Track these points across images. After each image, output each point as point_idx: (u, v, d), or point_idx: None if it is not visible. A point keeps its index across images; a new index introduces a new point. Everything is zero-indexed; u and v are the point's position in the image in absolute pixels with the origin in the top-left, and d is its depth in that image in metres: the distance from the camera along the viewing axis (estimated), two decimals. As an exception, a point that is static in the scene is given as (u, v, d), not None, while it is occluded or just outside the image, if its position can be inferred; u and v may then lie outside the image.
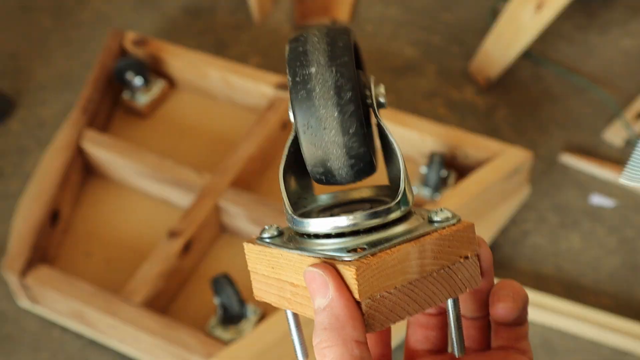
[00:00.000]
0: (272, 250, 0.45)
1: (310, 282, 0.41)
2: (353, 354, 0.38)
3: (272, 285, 0.45)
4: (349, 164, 0.45)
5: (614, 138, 1.59)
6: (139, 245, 1.44)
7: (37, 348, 1.38)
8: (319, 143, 0.44)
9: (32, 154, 1.65)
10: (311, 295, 0.41)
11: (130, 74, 1.60)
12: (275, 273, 0.45)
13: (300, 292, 0.43)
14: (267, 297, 0.47)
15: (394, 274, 0.41)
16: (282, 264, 0.44)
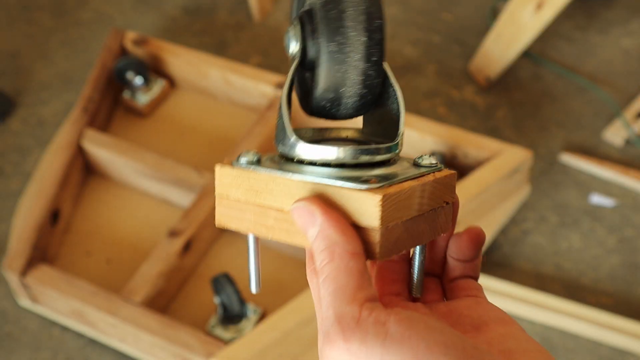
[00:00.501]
0: (260, 175, 0.44)
1: (297, 219, 0.42)
2: (348, 266, 0.40)
3: (247, 211, 0.45)
4: (360, 93, 0.45)
5: (613, 137, 1.59)
6: (139, 245, 1.44)
7: (37, 347, 1.38)
8: (340, 65, 0.44)
9: (33, 153, 1.65)
10: (304, 231, 0.42)
11: (130, 73, 1.60)
12: (258, 198, 0.44)
13: (288, 219, 0.43)
14: (233, 224, 0.46)
15: (403, 208, 0.42)
16: (272, 189, 0.44)
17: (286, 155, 0.46)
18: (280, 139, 0.46)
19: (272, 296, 1.36)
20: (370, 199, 0.41)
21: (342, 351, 0.38)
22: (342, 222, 0.41)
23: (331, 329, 0.38)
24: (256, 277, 0.48)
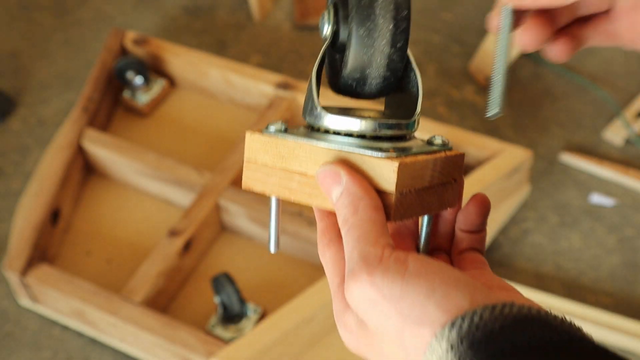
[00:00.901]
0: (288, 141, 0.49)
1: (323, 180, 0.46)
2: (371, 217, 0.44)
3: (273, 175, 0.49)
4: (384, 75, 0.50)
5: (614, 137, 1.59)
6: (139, 244, 1.44)
7: (37, 347, 1.38)
8: (367, 49, 0.49)
9: (33, 153, 1.65)
10: (327, 193, 0.46)
11: (130, 73, 1.60)
12: (284, 163, 0.49)
13: (310, 182, 0.48)
14: (259, 187, 0.51)
15: (416, 178, 0.47)
16: (298, 155, 0.48)
17: (312, 125, 0.50)
18: (308, 110, 0.50)
19: (272, 296, 1.36)
20: (388, 165, 0.46)
21: (366, 285, 0.41)
22: (364, 182, 0.46)
23: (356, 266, 0.42)
24: (275, 238, 0.51)
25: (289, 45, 1.83)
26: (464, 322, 0.39)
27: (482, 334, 0.39)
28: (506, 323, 0.39)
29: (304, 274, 1.39)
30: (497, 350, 0.38)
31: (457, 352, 0.39)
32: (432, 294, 0.40)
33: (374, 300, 0.42)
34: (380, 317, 0.42)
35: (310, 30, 1.86)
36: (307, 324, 1.26)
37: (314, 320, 1.26)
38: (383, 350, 0.44)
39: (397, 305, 0.41)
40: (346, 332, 0.47)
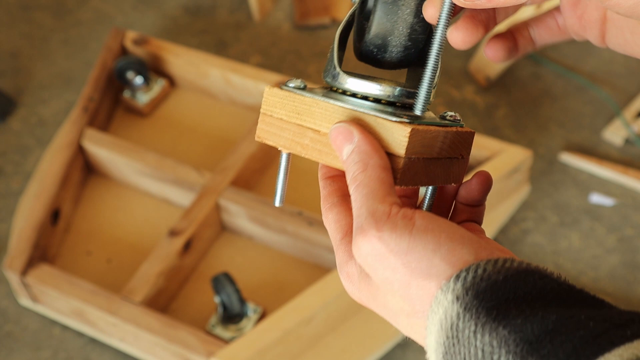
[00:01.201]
0: (305, 98, 0.50)
1: (335, 137, 0.47)
2: (380, 176, 0.45)
3: (287, 130, 0.50)
4: (405, 44, 0.51)
5: (613, 137, 1.59)
6: (139, 244, 1.44)
7: (37, 346, 1.38)
8: (391, 16, 0.50)
9: (33, 152, 1.65)
10: (338, 150, 0.47)
11: (130, 73, 1.60)
12: (299, 119, 0.50)
13: (322, 140, 0.49)
14: (272, 139, 0.51)
15: (426, 146, 0.48)
16: (314, 112, 0.49)
17: (330, 86, 0.52)
18: (328, 71, 0.52)
19: (272, 296, 1.36)
20: (401, 129, 0.47)
21: (375, 240, 0.43)
22: (375, 143, 0.47)
23: (364, 222, 0.43)
24: (281, 193, 0.53)
25: (288, 45, 1.84)
26: (469, 275, 0.41)
27: (487, 284, 0.40)
28: (509, 274, 0.41)
29: (304, 274, 1.40)
30: (501, 299, 0.40)
31: (462, 303, 0.40)
32: (439, 249, 0.42)
33: (381, 255, 0.43)
34: (387, 271, 0.43)
35: (310, 30, 1.86)
36: (307, 324, 1.26)
37: (313, 320, 1.26)
38: (387, 303, 0.45)
39: (405, 259, 0.42)
40: (349, 283, 0.48)
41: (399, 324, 0.46)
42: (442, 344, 0.42)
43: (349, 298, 1.36)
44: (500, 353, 0.39)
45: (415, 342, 1.36)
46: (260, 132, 0.52)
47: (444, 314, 0.41)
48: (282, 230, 1.39)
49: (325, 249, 1.37)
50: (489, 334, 0.39)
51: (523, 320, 0.39)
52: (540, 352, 0.38)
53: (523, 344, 0.38)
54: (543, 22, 0.58)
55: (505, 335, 0.39)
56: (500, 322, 0.39)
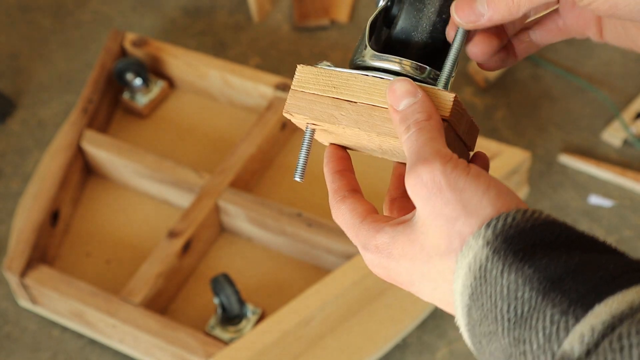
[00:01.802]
0: (342, 72, 0.53)
1: (397, 89, 0.50)
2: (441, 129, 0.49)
3: (319, 104, 0.53)
4: (426, 41, 0.55)
5: (612, 138, 1.59)
6: (138, 245, 1.45)
7: (37, 348, 1.38)
8: (416, 13, 0.55)
9: (32, 154, 1.65)
10: (396, 101, 0.50)
11: (130, 74, 1.60)
12: (335, 92, 0.53)
13: (359, 109, 0.52)
14: (301, 112, 0.54)
15: (458, 119, 0.52)
16: (352, 85, 0.53)
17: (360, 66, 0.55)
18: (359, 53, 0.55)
19: (272, 297, 1.36)
20: (447, 94, 0.51)
21: (438, 171, 0.46)
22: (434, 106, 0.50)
23: (429, 155, 0.47)
24: (302, 168, 0.55)
25: (288, 46, 1.84)
26: (499, 222, 0.44)
27: (515, 231, 0.44)
28: (536, 223, 0.44)
29: (303, 275, 1.40)
30: (528, 243, 0.43)
31: (492, 247, 0.43)
32: (488, 192, 0.46)
33: (439, 186, 0.46)
34: (439, 204, 0.46)
35: (310, 31, 1.86)
36: (306, 325, 1.26)
37: (312, 321, 1.26)
38: (424, 243, 0.47)
39: (459, 195, 0.45)
40: (377, 255, 0.50)
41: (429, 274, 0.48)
42: (470, 286, 0.44)
43: (348, 299, 1.37)
44: (524, 290, 0.42)
45: (414, 343, 1.36)
46: (288, 107, 0.54)
47: (473, 257, 0.44)
48: (281, 232, 1.39)
49: (324, 250, 1.37)
50: (514, 273, 0.42)
51: (547, 261, 0.42)
52: (561, 288, 0.41)
53: (546, 282, 0.41)
54: (543, 24, 0.60)
55: (530, 274, 0.42)
56: (525, 262, 0.42)
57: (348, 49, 1.82)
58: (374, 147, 0.56)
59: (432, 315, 1.37)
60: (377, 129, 0.52)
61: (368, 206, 0.53)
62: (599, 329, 0.39)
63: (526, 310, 0.42)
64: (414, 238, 0.48)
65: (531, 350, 0.41)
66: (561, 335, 0.40)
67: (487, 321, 0.44)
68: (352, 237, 0.52)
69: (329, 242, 1.35)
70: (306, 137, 0.55)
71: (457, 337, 1.36)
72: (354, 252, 1.32)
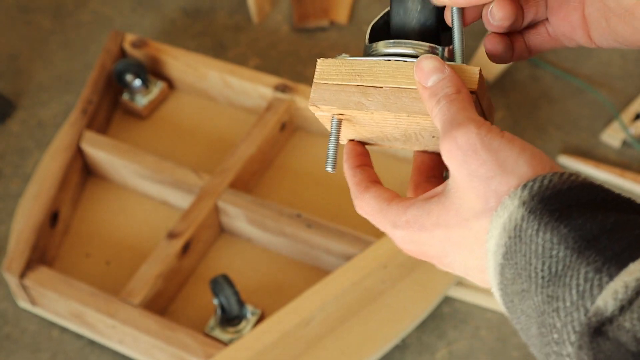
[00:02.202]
0: (364, 60, 0.55)
1: (425, 66, 0.51)
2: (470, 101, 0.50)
3: (344, 92, 0.54)
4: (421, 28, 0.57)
5: (611, 139, 1.60)
6: (138, 246, 1.45)
7: (36, 349, 1.38)
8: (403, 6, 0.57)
9: (32, 155, 1.65)
10: (425, 78, 0.51)
11: (129, 75, 1.61)
12: (360, 80, 0.54)
13: (386, 92, 0.53)
14: (328, 103, 0.55)
15: (482, 91, 0.54)
16: (375, 71, 0.54)
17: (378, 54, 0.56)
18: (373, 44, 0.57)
19: (271, 297, 1.36)
20: (472, 68, 0.53)
21: (473, 134, 0.46)
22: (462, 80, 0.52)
23: (464, 120, 0.47)
24: (333, 159, 0.56)
25: (287, 47, 1.84)
26: (535, 184, 0.44)
27: (552, 192, 0.44)
28: (573, 185, 0.45)
29: (303, 276, 1.40)
30: (564, 204, 0.43)
31: (528, 207, 0.44)
32: (524, 152, 0.46)
33: (475, 148, 0.46)
34: (474, 164, 0.46)
35: (309, 32, 1.86)
36: (306, 325, 1.26)
37: (312, 322, 1.27)
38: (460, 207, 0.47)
39: (494, 155, 0.46)
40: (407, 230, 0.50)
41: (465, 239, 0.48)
42: (504, 245, 0.45)
43: (348, 300, 1.37)
44: (559, 249, 0.42)
45: (414, 344, 1.36)
46: (314, 99, 0.55)
47: (508, 217, 0.44)
48: (280, 233, 1.39)
49: (323, 251, 1.37)
50: (550, 232, 0.43)
51: (583, 221, 0.42)
52: (597, 247, 0.41)
53: (582, 241, 0.42)
54: (535, 30, 0.60)
55: (566, 233, 0.42)
56: (562, 222, 0.43)
57: (347, 50, 1.82)
58: (397, 135, 0.57)
59: (431, 316, 1.37)
60: (407, 109, 0.53)
61: (392, 192, 0.54)
62: (632, 286, 0.39)
63: (560, 269, 0.42)
64: (448, 204, 0.48)
65: (564, 307, 0.41)
66: (595, 292, 0.40)
67: (521, 279, 0.44)
68: (379, 220, 0.53)
69: (328, 243, 1.35)
70: (333, 128, 0.56)
71: (456, 338, 1.36)
72: (353, 252, 1.32)
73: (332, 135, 0.56)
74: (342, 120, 0.56)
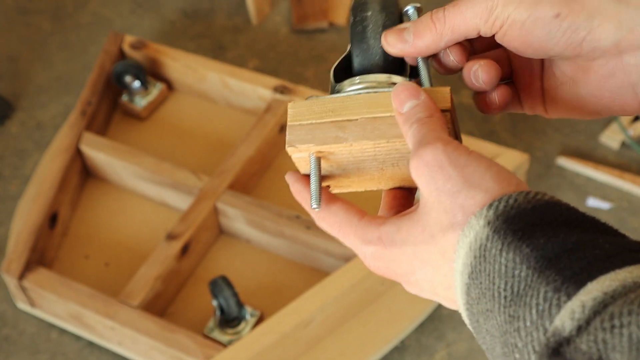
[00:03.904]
0: (336, 97, 0.55)
1: (401, 93, 0.52)
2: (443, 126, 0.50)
3: (318, 130, 0.55)
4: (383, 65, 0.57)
5: (610, 141, 1.60)
6: (137, 248, 1.45)
7: (35, 350, 1.38)
8: (364, 46, 0.58)
9: (31, 156, 1.65)
10: (400, 105, 0.52)
11: (128, 77, 1.61)
12: (334, 115, 0.54)
13: (362, 123, 0.54)
14: (306, 142, 0.55)
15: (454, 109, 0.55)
16: (348, 105, 0.54)
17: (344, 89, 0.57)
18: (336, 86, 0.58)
19: (270, 299, 1.36)
20: (443, 88, 0.54)
21: (439, 151, 0.47)
22: (436, 105, 0.52)
23: (432, 139, 0.48)
24: (317, 195, 0.55)
25: (286, 49, 1.84)
26: (501, 204, 0.45)
27: (516, 212, 0.44)
28: (538, 205, 0.45)
29: (302, 277, 1.40)
30: (528, 223, 0.44)
31: (492, 226, 0.44)
32: (490, 168, 0.47)
33: (441, 164, 0.47)
34: (441, 180, 0.47)
35: (308, 34, 1.86)
36: (305, 327, 1.26)
37: (311, 323, 1.27)
38: (427, 222, 0.48)
39: (461, 171, 0.46)
40: (378, 247, 0.50)
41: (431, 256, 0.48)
42: (469, 264, 0.45)
43: (347, 301, 1.37)
44: (521, 268, 0.42)
45: (413, 346, 1.36)
46: (291, 141, 0.55)
47: (474, 237, 0.45)
48: (279, 234, 1.39)
49: (323, 252, 1.37)
50: (512, 251, 0.43)
51: (545, 240, 0.43)
52: (557, 266, 0.41)
53: (543, 261, 0.42)
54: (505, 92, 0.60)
55: (528, 253, 0.42)
56: (524, 241, 0.43)
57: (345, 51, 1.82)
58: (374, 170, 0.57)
59: (430, 318, 1.37)
60: (386, 135, 0.53)
61: (361, 209, 0.53)
62: (589, 305, 0.39)
63: (522, 288, 0.42)
64: (416, 220, 0.48)
65: (525, 326, 0.41)
66: (553, 311, 0.40)
67: (485, 299, 0.44)
68: (346, 234, 0.52)
69: (327, 244, 1.35)
70: (313, 166, 0.56)
71: (455, 339, 1.36)
72: (352, 254, 1.32)
73: (312, 173, 0.55)
74: (320, 159, 0.55)
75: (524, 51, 0.53)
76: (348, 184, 0.59)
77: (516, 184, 0.47)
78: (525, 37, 0.52)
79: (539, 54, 0.53)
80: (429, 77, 0.57)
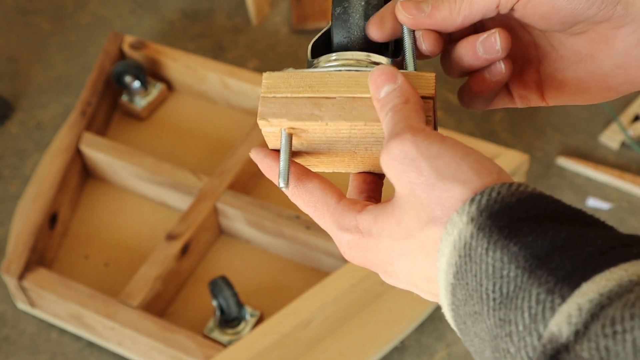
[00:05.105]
0: (314, 72, 0.53)
1: (378, 77, 0.49)
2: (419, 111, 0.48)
3: (295, 104, 0.52)
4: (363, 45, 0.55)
5: (610, 141, 1.60)
6: (137, 248, 1.45)
7: (35, 350, 1.38)
8: (345, 24, 0.55)
9: (31, 156, 1.65)
10: (377, 89, 0.49)
11: (128, 77, 1.61)
12: (311, 91, 0.52)
13: (340, 102, 0.51)
14: (279, 116, 0.52)
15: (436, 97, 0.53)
16: (327, 82, 0.52)
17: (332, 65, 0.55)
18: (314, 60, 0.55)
19: (270, 299, 1.36)
20: (428, 73, 0.52)
21: (408, 143, 0.44)
22: (415, 89, 0.50)
23: (400, 130, 0.46)
24: (285, 173, 0.53)
25: (286, 49, 1.84)
26: (483, 197, 0.42)
27: (500, 206, 0.42)
28: (522, 197, 0.42)
29: (302, 277, 1.40)
30: (513, 218, 0.41)
31: (476, 223, 0.41)
32: (467, 157, 0.44)
33: (411, 157, 0.44)
34: (413, 173, 0.44)
35: (308, 34, 1.86)
36: (305, 327, 1.26)
37: (311, 323, 1.27)
38: (402, 217, 0.45)
39: (434, 162, 0.43)
40: (355, 235, 0.48)
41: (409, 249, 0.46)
42: (454, 264, 0.42)
43: (347, 301, 1.37)
44: (509, 268, 0.40)
45: (412, 346, 1.36)
46: (264, 113, 0.53)
47: (457, 235, 0.42)
48: (279, 234, 1.39)
49: (322, 253, 1.37)
50: (500, 250, 0.40)
51: (534, 237, 0.40)
52: (548, 266, 0.39)
53: (532, 260, 0.40)
54: None
55: (516, 252, 0.40)
56: (511, 239, 0.40)
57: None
58: (347, 150, 0.54)
59: (430, 318, 1.37)
60: (364, 117, 0.51)
61: (339, 189, 0.51)
62: (586, 308, 0.37)
63: (512, 290, 0.40)
64: (391, 213, 0.46)
65: (517, 331, 0.39)
66: (547, 315, 0.38)
67: (472, 301, 0.42)
68: (322, 215, 0.50)
69: (327, 245, 1.35)
70: (283, 142, 0.53)
71: (455, 339, 1.36)
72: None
73: (282, 149, 0.53)
74: (292, 135, 0.53)
75: (546, 21, 0.50)
76: (316, 164, 0.57)
77: (497, 172, 0.44)
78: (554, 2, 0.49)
79: (563, 22, 0.50)
80: (413, 58, 0.55)
